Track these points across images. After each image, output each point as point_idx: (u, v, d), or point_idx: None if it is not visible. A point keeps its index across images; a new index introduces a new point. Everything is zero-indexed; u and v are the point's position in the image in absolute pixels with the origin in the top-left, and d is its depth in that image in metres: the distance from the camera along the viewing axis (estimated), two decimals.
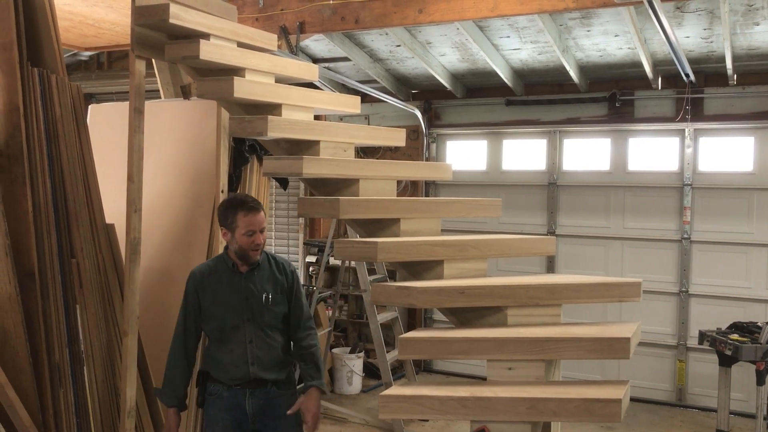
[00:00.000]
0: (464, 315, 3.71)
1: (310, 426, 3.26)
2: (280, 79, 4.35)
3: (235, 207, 3.29)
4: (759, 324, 5.46)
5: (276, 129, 3.76)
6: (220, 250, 4.91)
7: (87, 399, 4.16)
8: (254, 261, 3.30)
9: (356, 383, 6.99)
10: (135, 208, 4.20)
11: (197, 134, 5.09)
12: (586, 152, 7.25)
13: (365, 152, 7.91)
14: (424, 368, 7.90)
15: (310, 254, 8.18)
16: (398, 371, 7.06)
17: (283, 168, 3.75)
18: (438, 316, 7.56)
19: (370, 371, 7.33)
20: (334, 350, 7.08)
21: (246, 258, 3.29)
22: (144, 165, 4.28)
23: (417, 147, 7.88)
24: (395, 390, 3.30)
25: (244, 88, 3.91)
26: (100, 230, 4.32)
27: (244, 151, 4.98)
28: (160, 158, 5.13)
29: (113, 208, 4.54)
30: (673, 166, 6.84)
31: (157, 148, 5.09)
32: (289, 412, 3.28)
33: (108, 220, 4.41)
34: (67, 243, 4.16)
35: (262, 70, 4.20)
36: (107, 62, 8.71)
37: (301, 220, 8.59)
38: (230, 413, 3.28)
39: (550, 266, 7.25)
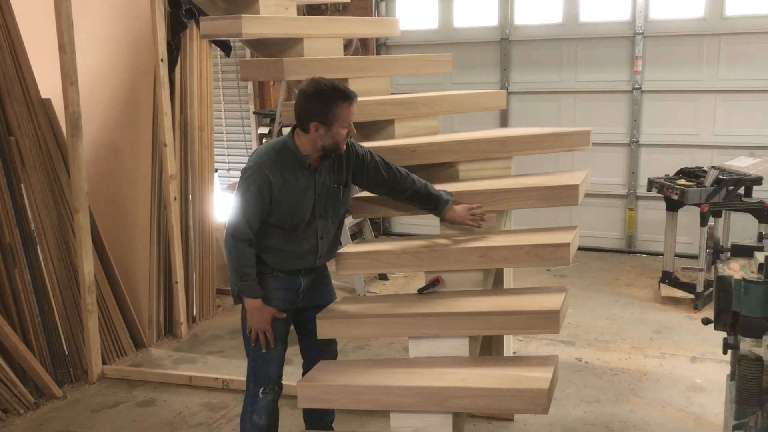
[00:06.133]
0: (417, 173, 3.72)
1: (476, 221, 3.19)
2: None
3: (335, 97, 2.82)
4: (705, 168, 5.60)
5: None
6: (166, 123, 4.79)
7: (44, 277, 4.15)
8: (342, 152, 2.96)
9: None
10: (71, 80, 4.03)
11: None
12: (538, 4, 7.07)
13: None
14: (384, 231, 8.04)
15: (263, 125, 8.02)
16: (358, 236, 7.16)
17: (222, 29, 3.58)
18: None
19: None
20: None
21: (336, 151, 2.93)
22: (76, 35, 4.06)
23: (365, 7, 7.59)
24: (352, 247, 3.35)
25: None
26: (37, 105, 4.15)
27: (182, 16, 4.74)
28: (93, 27, 4.86)
29: (49, 83, 4.33)
30: (625, 15, 6.75)
31: (89, 17, 4.81)
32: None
33: (44, 95, 4.23)
34: (2, 120, 4.00)
35: None
36: None
37: (251, 90, 8.35)
38: (287, 290, 3.07)
39: (504, 125, 7.25)
